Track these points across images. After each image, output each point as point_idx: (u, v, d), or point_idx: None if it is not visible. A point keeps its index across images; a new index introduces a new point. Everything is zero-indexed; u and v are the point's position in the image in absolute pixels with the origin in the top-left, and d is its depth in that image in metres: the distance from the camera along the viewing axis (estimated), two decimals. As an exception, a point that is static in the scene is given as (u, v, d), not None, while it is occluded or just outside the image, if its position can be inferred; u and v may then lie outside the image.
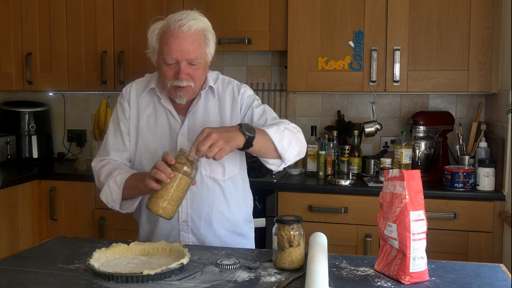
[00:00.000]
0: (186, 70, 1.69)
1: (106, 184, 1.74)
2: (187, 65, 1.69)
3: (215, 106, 1.83)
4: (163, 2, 3.10)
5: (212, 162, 1.77)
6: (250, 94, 1.86)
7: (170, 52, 1.67)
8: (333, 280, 1.34)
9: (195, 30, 1.68)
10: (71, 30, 3.25)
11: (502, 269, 1.43)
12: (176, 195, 1.50)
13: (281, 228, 1.42)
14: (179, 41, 1.66)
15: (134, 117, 1.85)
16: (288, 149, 1.69)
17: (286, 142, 1.68)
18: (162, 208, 1.49)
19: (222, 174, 1.80)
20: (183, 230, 1.81)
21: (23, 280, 1.34)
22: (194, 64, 1.70)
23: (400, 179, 1.32)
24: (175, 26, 1.67)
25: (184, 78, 1.69)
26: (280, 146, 1.66)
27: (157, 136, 1.81)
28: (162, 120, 1.82)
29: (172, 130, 1.81)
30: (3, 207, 2.84)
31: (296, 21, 2.90)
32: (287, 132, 1.70)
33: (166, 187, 1.49)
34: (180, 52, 1.67)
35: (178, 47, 1.66)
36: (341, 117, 3.19)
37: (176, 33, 1.67)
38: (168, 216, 1.50)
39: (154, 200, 1.50)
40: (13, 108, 3.45)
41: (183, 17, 1.69)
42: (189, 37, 1.67)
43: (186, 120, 1.80)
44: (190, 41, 1.67)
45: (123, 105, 1.86)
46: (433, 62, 2.79)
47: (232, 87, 1.86)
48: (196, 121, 1.80)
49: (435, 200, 2.59)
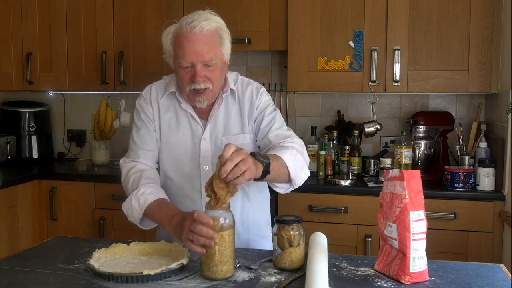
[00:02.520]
0: (202, 72, 1.66)
1: (129, 198, 1.70)
2: (203, 67, 1.66)
3: (235, 109, 1.81)
4: (163, 2, 3.10)
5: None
6: (267, 98, 1.84)
7: (184, 55, 1.64)
8: (333, 280, 1.34)
9: (207, 31, 1.65)
10: (71, 30, 3.25)
11: (502, 269, 1.43)
12: (226, 251, 1.36)
13: (281, 228, 1.42)
14: (192, 43, 1.63)
15: (157, 121, 1.82)
16: (299, 175, 1.66)
17: (299, 167, 1.65)
18: (221, 273, 1.36)
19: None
20: None
21: (23, 280, 1.34)
22: (210, 66, 1.67)
23: (400, 179, 1.32)
24: (187, 29, 1.63)
25: (201, 80, 1.66)
26: (293, 173, 1.63)
27: (179, 140, 1.79)
28: (183, 124, 1.79)
29: (194, 135, 1.78)
30: (3, 207, 2.84)
31: (296, 21, 2.90)
32: (299, 157, 1.67)
33: (213, 249, 1.35)
34: (194, 55, 1.64)
35: (192, 49, 1.63)
36: (341, 117, 3.19)
37: (188, 36, 1.63)
38: (230, 274, 1.37)
39: (206, 267, 1.36)
40: (13, 108, 3.45)
41: (195, 19, 1.65)
42: (202, 38, 1.64)
43: (208, 124, 1.78)
44: (204, 43, 1.64)
45: (144, 107, 1.82)
46: (433, 62, 2.79)
47: (251, 89, 1.83)
48: (218, 125, 1.78)
49: (435, 200, 2.59)
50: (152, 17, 3.13)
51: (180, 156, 1.79)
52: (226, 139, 1.77)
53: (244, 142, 1.78)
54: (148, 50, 3.14)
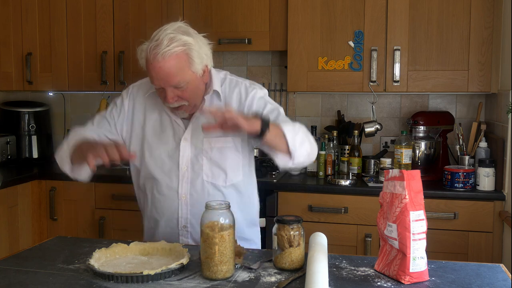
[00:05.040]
0: (172, 93, 1.66)
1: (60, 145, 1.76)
2: (173, 89, 1.66)
3: None
4: (163, 2, 3.10)
5: (213, 167, 1.77)
6: (261, 96, 1.80)
7: (153, 80, 1.66)
8: (333, 280, 1.34)
9: (170, 57, 1.60)
10: (71, 30, 3.25)
11: (502, 269, 1.43)
12: (226, 251, 1.36)
13: (281, 228, 1.42)
14: (156, 71, 1.62)
15: (141, 117, 1.84)
16: (299, 148, 1.64)
17: (298, 140, 1.63)
18: (221, 273, 1.35)
19: (223, 181, 1.79)
20: (183, 235, 1.81)
21: (23, 280, 1.34)
22: (181, 87, 1.66)
23: (400, 179, 1.32)
24: (151, 55, 1.62)
25: (173, 101, 1.68)
26: (292, 143, 1.61)
27: (162, 140, 1.81)
28: (166, 124, 1.81)
29: (176, 135, 1.80)
30: (3, 207, 2.84)
31: (296, 21, 2.90)
32: (302, 133, 1.66)
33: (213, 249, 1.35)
34: (161, 81, 1.64)
35: (157, 76, 1.63)
36: (341, 117, 3.19)
37: (153, 63, 1.62)
38: (230, 274, 1.37)
39: (206, 267, 1.36)
40: (13, 108, 3.45)
41: (158, 43, 1.61)
42: (165, 65, 1.61)
43: (190, 124, 1.79)
44: (167, 68, 1.61)
45: (123, 101, 1.85)
46: (433, 62, 2.79)
47: (239, 89, 1.81)
48: (200, 126, 1.77)
49: (435, 200, 2.58)
50: (152, 17, 3.13)
51: (161, 156, 1.80)
52: (207, 140, 1.77)
53: (225, 145, 1.78)
54: (148, 50, 3.13)
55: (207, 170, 1.77)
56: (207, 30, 3.05)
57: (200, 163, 1.77)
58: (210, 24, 3.03)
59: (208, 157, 1.77)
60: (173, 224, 1.80)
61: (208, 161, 1.77)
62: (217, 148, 1.77)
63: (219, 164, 1.78)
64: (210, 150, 1.77)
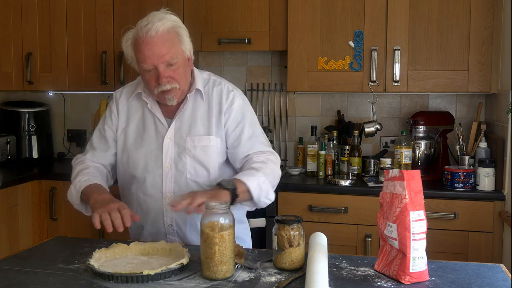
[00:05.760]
0: (165, 73, 1.68)
1: (70, 186, 1.79)
2: (165, 68, 1.68)
3: (203, 109, 1.81)
4: (163, 2, 3.10)
5: (196, 165, 1.77)
6: (239, 105, 1.81)
7: (145, 59, 1.66)
8: (333, 280, 1.34)
9: (163, 31, 1.66)
10: (71, 30, 3.25)
11: (502, 269, 1.43)
12: (226, 251, 1.35)
13: (281, 228, 1.42)
14: (150, 46, 1.65)
15: (124, 121, 1.86)
16: (263, 199, 1.72)
17: (263, 194, 1.71)
18: (221, 273, 1.35)
19: (206, 179, 1.79)
20: (170, 234, 1.81)
21: (23, 280, 1.34)
22: (172, 65, 1.68)
23: (400, 179, 1.32)
24: (143, 32, 1.66)
25: (166, 81, 1.69)
26: (257, 198, 1.69)
27: (144, 140, 1.81)
28: (149, 124, 1.82)
29: (159, 134, 1.80)
30: (3, 207, 2.84)
31: (296, 21, 2.90)
32: (267, 183, 1.71)
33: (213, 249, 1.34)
34: (154, 57, 1.65)
35: (151, 52, 1.65)
36: (341, 117, 3.19)
37: (145, 39, 1.65)
38: (230, 274, 1.37)
39: (206, 267, 1.36)
40: (13, 108, 3.45)
41: (149, 21, 1.67)
42: (159, 40, 1.65)
43: (173, 123, 1.79)
44: (161, 43, 1.65)
45: (111, 108, 1.89)
46: (433, 62, 2.79)
47: (220, 89, 1.82)
48: (183, 125, 1.79)
49: (435, 200, 2.59)
50: (152, 17, 3.12)
51: (144, 155, 1.80)
52: (191, 139, 1.78)
53: (208, 144, 1.78)
54: (148, 50, 3.13)
55: (190, 168, 1.77)
56: (207, 30, 3.07)
57: (183, 161, 1.77)
58: (210, 24, 3.03)
59: (192, 155, 1.77)
60: (159, 224, 1.80)
61: (191, 159, 1.77)
62: (201, 146, 1.77)
63: (202, 162, 1.78)
64: (193, 148, 1.77)
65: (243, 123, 1.81)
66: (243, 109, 1.83)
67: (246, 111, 1.84)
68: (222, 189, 1.59)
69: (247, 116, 1.83)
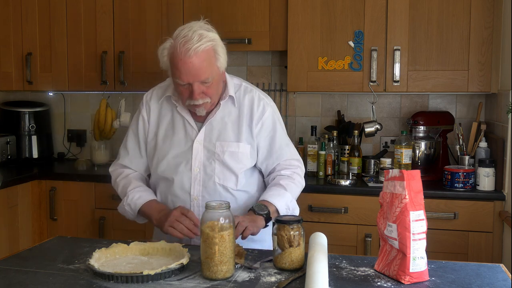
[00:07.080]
0: (199, 89, 1.69)
1: (122, 204, 1.86)
2: (199, 85, 1.69)
3: (234, 115, 1.83)
4: (163, 2, 3.10)
5: (225, 170, 1.80)
6: (270, 114, 1.85)
7: (181, 77, 1.67)
8: (333, 280, 1.34)
9: (202, 52, 1.65)
10: (71, 30, 3.25)
11: (502, 269, 1.43)
12: (226, 251, 1.36)
13: (281, 228, 1.42)
14: (188, 66, 1.65)
15: (154, 124, 1.88)
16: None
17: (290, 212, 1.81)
18: (221, 273, 1.36)
19: (234, 184, 1.82)
20: (197, 237, 1.81)
21: (23, 280, 1.34)
22: (207, 82, 1.70)
23: (400, 179, 1.32)
24: (181, 51, 1.64)
25: (199, 97, 1.70)
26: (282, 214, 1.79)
27: (174, 143, 1.83)
28: (179, 127, 1.84)
29: (188, 137, 1.82)
30: (3, 207, 2.84)
31: (296, 21, 2.90)
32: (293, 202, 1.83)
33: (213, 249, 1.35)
34: (190, 76, 1.66)
35: (188, 71, 1.65)
36: (341, 117, 3.19)
37: (183, 59, 1.64)
38: (230, 274, 1.38)
39: (206, 267, 1.37)
40: (13, 108, 3.45)
41: (188, 39, 1.65)
42: (197, 60, 1.65)
43: (203, 127, 1.81)
44: (198, 64, 1.65)
45: (142, 112, 1.90)
46: (433, 62, 2.79)
47: (252, 97, 1.85)
48: (214, 130, 1.81)
49: (435, 200, 2.58)
50: (152, 17, 3.13)
51: (174, 158, 1.82)
52: (220, 144, 1.80)
53: (238, 150, 1.81)
54: (148, 50, 3.13)
55: (219, 173, 1.80)
56: (207, 30, 3.07)
57: (212, 166, 1.80)
58: (210, 24, 3.02)
59: (220, 160, 1.80)
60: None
61: (220, 164, 1.80)
62: (229, 152, 1.80)
63: (231, 168, 1.80)
64: (222, 153, 1.80)
65: (273, 133, 1.86)
66: (274, 118, 1.87)
67: (276, 120, 1.88)
68: (256, 214, 1.69)
69: (277, 126, 1.88)
